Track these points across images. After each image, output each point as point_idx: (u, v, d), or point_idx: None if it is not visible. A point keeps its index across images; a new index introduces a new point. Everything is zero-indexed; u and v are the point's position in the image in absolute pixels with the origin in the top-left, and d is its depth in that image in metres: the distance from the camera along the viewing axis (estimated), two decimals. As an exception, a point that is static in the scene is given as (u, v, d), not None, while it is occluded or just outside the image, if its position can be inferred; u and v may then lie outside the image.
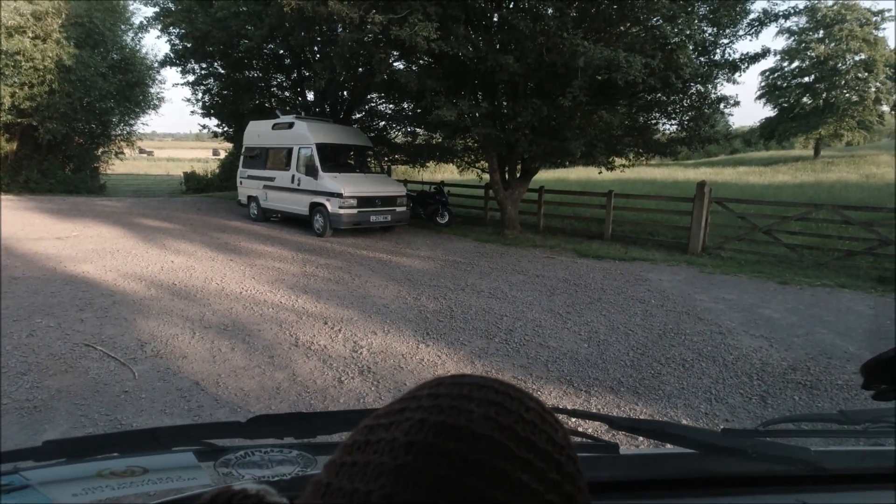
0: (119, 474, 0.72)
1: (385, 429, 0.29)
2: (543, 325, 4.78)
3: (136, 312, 4.73)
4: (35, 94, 15.32)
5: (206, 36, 12.09)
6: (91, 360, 3.65)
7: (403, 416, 0.30)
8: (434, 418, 0.29)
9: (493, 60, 7.38)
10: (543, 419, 0.31)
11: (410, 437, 0.28)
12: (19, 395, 3.14)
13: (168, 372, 3.50)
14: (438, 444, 0.27)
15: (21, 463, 0.71)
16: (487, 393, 0.31)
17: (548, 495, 0.27)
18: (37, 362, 3.57)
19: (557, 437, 0.30)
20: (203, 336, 4.17)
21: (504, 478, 0.26)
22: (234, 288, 5.70)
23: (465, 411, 0.29)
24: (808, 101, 29.26)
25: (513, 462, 0.27)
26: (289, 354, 3.88)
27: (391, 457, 0.27)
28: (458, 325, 4.69)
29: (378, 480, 0.26)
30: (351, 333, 4.36)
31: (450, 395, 0.31)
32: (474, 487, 0.26)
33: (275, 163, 11.10)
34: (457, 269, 7.14)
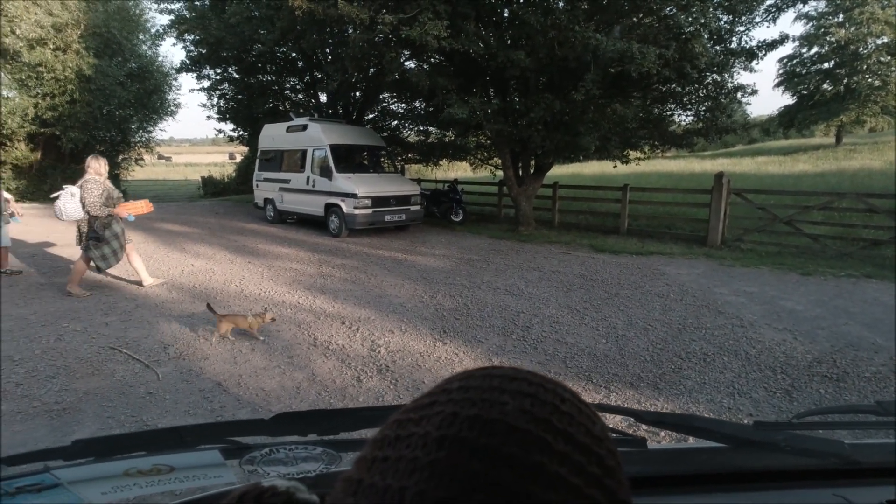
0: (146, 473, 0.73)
1: (415, 423, 0.29)
2: (561, 321, 4.75)
3: (157, 316, 4.82)
4: (57, 104, 15.72)
5: (220, 42, 12.26)
6: (116, 362, 3.74)
7: (434, 409, 0.29)
8: (466, 412, 0.28)
9: (504, 56, 7.35)
10: (580, 411, 0.30)
11: (442, 431, 0.27)
12: (48, 397, 3.23)
13: (191, 373, 3.56)
14: (472, 439, 0.26)
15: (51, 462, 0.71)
16: (521, 385, 0.30)
17: (587, 490, 0.26)
18: (64, 366, 3.67)
19: (596, 430, 0.29)
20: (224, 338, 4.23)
21: (541, 472, 0.25)
22: (252, 289, 5.78)
23: (498, 404, 0.28)
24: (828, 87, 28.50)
25: (550, 456, 0.26)
26: (308, 354, 3.92)
27: (424, 452, 0.26)
28: (475, 323, 4.69)
29: (411, 477, 0.26)
30: (368, 332, 4.39)
31: (481, 388, 0.30)
32: (510, 483, 0.25)
33: (290, 165, 11.21)
34: (472, 267, 7.14)
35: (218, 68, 15.56)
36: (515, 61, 7.30)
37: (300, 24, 9.16)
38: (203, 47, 13.78)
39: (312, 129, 10.56)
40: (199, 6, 13.28)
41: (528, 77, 8.03)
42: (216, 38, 12.12)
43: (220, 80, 16.19)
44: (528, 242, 9.34)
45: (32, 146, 16.99)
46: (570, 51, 7.17)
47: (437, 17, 6.98)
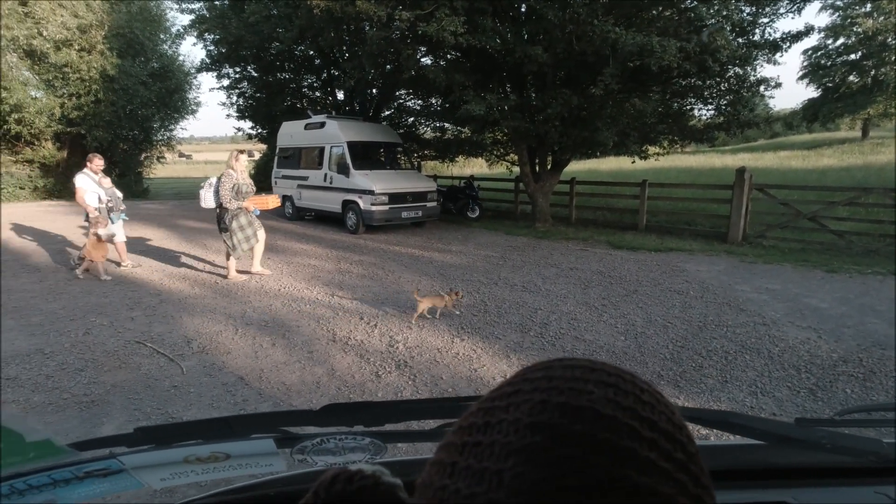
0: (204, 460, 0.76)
1: (503, 410, 0.30)
2: (579, 318, 4.73)
3: (181, 311, 4.93)
4: (82, 103, 16.10)
5: (239, 41, 12.42)
6: (142, 356, 3.84)
7: (520, 397, 0.30)
8: (555, 399, 0.29)
9: (522, 52, 7.30)
10: (658, 400, 0.31)
11: (534, 417, 0.28)
12: (78, 390, 3.33)
13: (213, 367, 3.64)
14: (564, 425, 0.27)
15: (115, 449, 0.74)
16: (600, 375, 0.31)
17: (676, 474, 0.27)
18: (92, 359, 3.78)
19: (675, 419, 0.30)
20: (245, 332, 4.31)
21: (634, 457, 0.26)
22: (272, 285, 5.87)
23: (584, 392, 0.29)
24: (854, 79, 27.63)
25: (640, 442, 0.27)
26: (327, 350, 3.97)
27: (517, 437, 0.28)
28: (493, 319, 4.69)
29: (508, 460, 0.27)
30: (387, 328, 4.43)
31: (564, 378, 0.31)
32: (606, 466, 0.26)
33: (308, 162, 11.32)
34: (489, 263, 7.13)
35: (237, 67, 15.77)
36: (533, 57, 7.25)
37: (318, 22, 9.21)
38: (223, 46, 13.97)
39: (330, 127, 10.64)
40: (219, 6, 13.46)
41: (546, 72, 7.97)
42: (235, 37, 12.28)
43: (240, 78, 16.41)
44: (544, 239, 9.29)
45: (59, 145, 17.44)
46: (589, 45, 7.09)
47: (453, 13, 6.97)
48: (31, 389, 3.32)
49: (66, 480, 0.70)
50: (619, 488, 0.25)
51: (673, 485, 0.26)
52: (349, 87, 13.19)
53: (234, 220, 5.83)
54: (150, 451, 0.76)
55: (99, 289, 5.74)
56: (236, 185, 5.82)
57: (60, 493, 0.70)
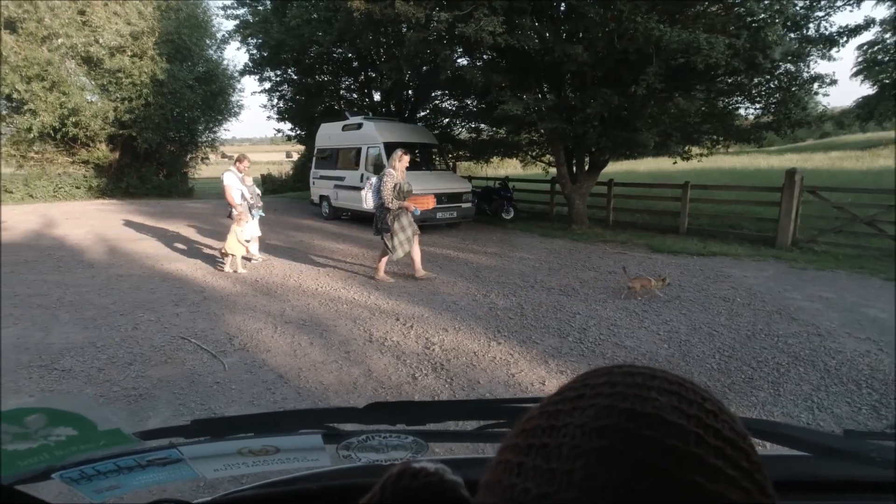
0: (256, 452, 0.78)
1: (568, 414, 0.31)
2: (619, 323, 4.60)
3: (223, 308, 5.07)
4: (133, 107, 16.87)
5: (280, 44, 12.73)
6: (186, 352, 3.96)
7: (584, 402, 0.31)
8: (621, 405, 0.29)
9: (561, 51, 7.17)
10: (721, 409, 0.31)
11: (601, 422, 0.29)
12: (126, 383, 3.46)
13: (254, 365, 3.71)
14: (632, 429, 0.28)
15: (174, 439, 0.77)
16: (662, 383, 0.31)
17: (742, 482, 0.27)
18: (140, 353, 3.92)
19: (738, 428, 0.30)
20: (284, 331, 4.39)
21: (702, 463, 0.27)
22: (310, 284, 5.96)
23: (649, 399, 0.30)
24: (915, 76, 25.98)
25: (707, 449, 0.27)
26: (364, 350, 3.99)
27: (585, 440, 0.28)
28: (529, 323, 4.61)
29: (577, 461, 0.27)
30: (423, 330, 4.42)
31: (627, 384, 0.31)
32: (676, 472, 0.26)
33: (344, 163, 11.48)
34: (525, 266, 7.04)
35: (278, 70, 16.18)
36: (572, 56, 7.11)
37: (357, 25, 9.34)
38: (265, 50, 14.36)
39: (367, 128, 10.76)
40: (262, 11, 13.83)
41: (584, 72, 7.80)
42: (277, 41, 12.59)
43: (280, 81, 16.83)
44: (581, 241, 9.11)
45: (112, 147, 18.33)
46: (631, 43, 6.89)
47: (492, 13, 6.91)
48: (84, 381, 3.47)
49: (130, 468, 0.74)
50: (689, 494, 0.25)
51: (741, 493, 0.27)
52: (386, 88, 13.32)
53: (396, 221, 5.74)
54: (205, 443, 0.78)
55: (147, 285, 5.98)
56: (398, 184, 5.71)
57: (123, 480, 0.75)
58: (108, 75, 16.47)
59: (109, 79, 16.54)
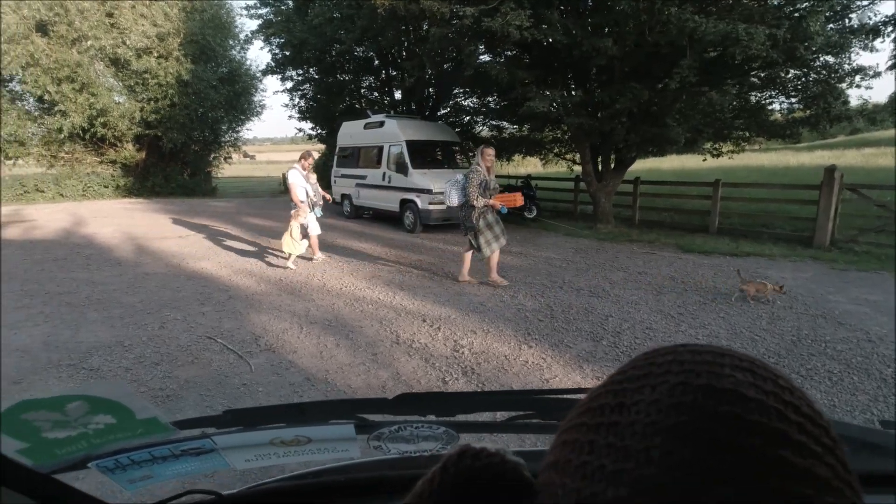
0: (288, 443, 0.78)
1: (637, 391, 0.29)
2: (654, 327, 4.41)
3: (248, 307, 5.03)
4: (159, 107, 17.15)
5: (303, 43, 12.76)
6: (213, 352, 3.91)
7: (654, 379, 0.30)
8: (696, 381, 0.28)
9: (589, 45, 6.96)
10: (794, 386, 0.30)
11: (676, 398, 0.28)
12: (154, 384, 3.42)
13: (280, 366, 3.64)
14: (710, 406, 0.27)
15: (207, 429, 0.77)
16: (733, 360, 0.30)
17: (826, 458, 0.26)
18: (167, 353, 3.89)
19: (814, 406, 0.29)
20: (310, 331, 4.32)
21: (787, 439, 0.26)
22: (334, 284, 5.90)
23: (724, 376, 0.28)
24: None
25: (790, 424, 0.26)
26: (391, 352, 3.89)
27: (661, 416, 0.27)
28: (560, 326, 4.46)
29: (654, 438, 0.26)
30: (450, 332, 4.30)
31: (696, 362, 0.30)
32: (761, 447, 0.25)
33: (366, 161, 11.44)
34: (551, 266, 6.87)
35: (300, 69, 16.24)
36: (601, 49, 6.88)
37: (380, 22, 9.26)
38: (287, 49, 14.41)
39: (389, 126, 10.69)
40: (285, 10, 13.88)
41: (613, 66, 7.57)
42: (300, 40, 12.62)
43: (302, 80, 16.89)
44: (608, 241, 8.89)
45: (138, 146, 18.68)
46: (663, 35, 6.65)
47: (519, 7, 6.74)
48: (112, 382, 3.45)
49: (164, 458, 0.73)
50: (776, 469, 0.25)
51: (826, 469, 0.26)
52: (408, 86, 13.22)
53: (482, 219, 5.51)
54: (238, 433, 0.78)
55: (173, 283, 5.99)
56: (484, 181, 5.44)
57: (157, 470, 0.75)
58: (134, 76, 16.76)
59: (136, 80, 16.83)
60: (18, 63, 14.93)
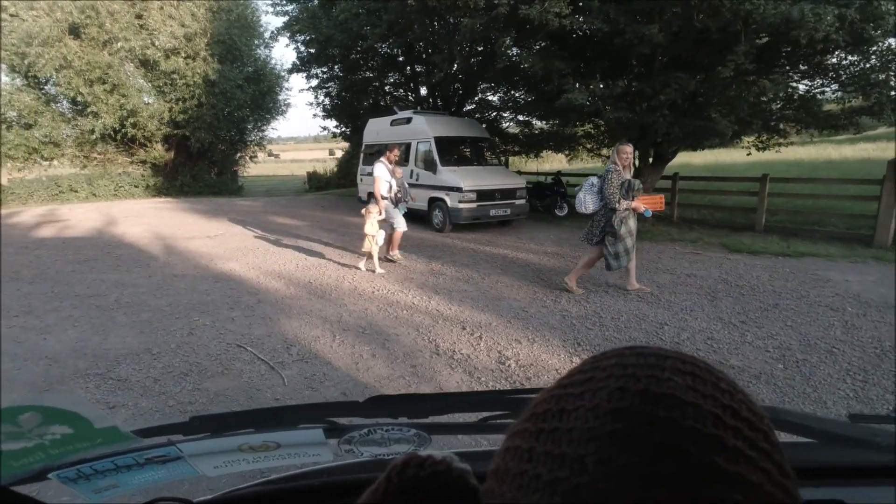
0: (256, 449, 0.77)
1: (578, 397, 0.29)
2: (716, 337, 4.03)
3: (279, 312, 4.83)
4: (187, 107, 17.28)
5: (329, 39, 12.61)
6: (243, 362, 3.70)
7: (596, 384, 0.29)
8: (634, 386, 0.28)
9: (633, 33, 6.53)
10: (736, 388, 0.30)
11: (614, 404, 0.27)
12: (183, 396, 3.22)
13: (314, 379, 3.41)
14: (648, 411, 0.27)
15: (173, 436, 0.75)
16: (675, 363, 0.30)
17: (762, 463, 0.26)
18: (196, 363, 3.70)
19: (755, 408, 0.29)
20: (343, 340, 4.08)
21: (722, 445, 0.26)
22: (365, 287, 5.66)
23: (664, 380, 0.28)
24: None
25: (725, 429, 0.26)
26: (431, 364, 3.62)
27: (598, 423, 0.27)
28: (612, 335, 4.12)
29: (590, 445, 0.26)
30: (493, 342, 4.00)
31: (639, 365, 0.30)
32: (695, 454, 0.25)
33: (393, 159, 11.18)
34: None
35: (324, 67, 16.11)
36: (646, 37, 6.45)
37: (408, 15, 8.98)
38: (313, 46, 14.29)
39: (417, 122, 10.43)
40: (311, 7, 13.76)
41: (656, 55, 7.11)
42: (325, 37, 12.48)
43: (327, 78, 16.77)
44: (647, 240, 8.44)
45: (167, 146, 18.88)
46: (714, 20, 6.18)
47: (559, -7, 6.37)
48: (140, 394, 3.26)
49: (129, 466, 0.72)
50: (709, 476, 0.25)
51: (760, 474, 0.26)
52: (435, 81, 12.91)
53: (624, 225, 4.89)
54: (205, 440, 0.76)
55: (201, 286, 5.84)
56: (625, 182, 4.88)
57: (122, 479, 0.73)
58: (163, 77, 16.91)
59: (164, 80, 16.98)
60: (52, 66, 15.18)
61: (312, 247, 8.15)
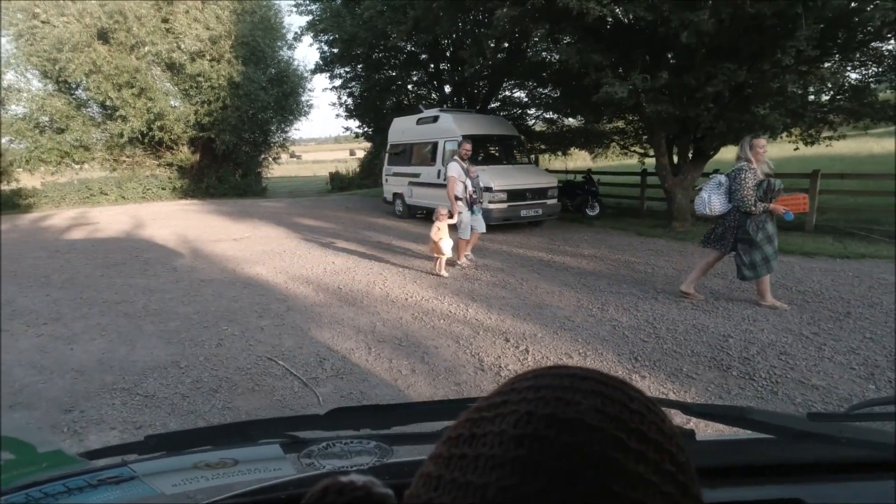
0: (213, 466, 0.76)
1: (490, 421, 0.29)
2: (790, 351, 3.64)
3: (309, 321, 4.60)
4: (212, 110, 17.34)
5: (353, 38, 12.43)
6: (275, 377, 3.48)
7: (507, 408, 0.29)
8: (542, 410, 0.28)
9: (678, 20, 6.12)
10: (649, 409, 0.30)
11: (519, 430, 0.28)
12: (212, 416, 3.00)
13: (352, 398, 3.15)
14: (551, 437, 0.27)
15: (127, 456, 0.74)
16: (590, 384, 0.30)
17: (664, 487, 0.26)
18: (226, 377, 3.48)
19: (665, 428, 0.29)
20: (379, 353, 3.82)
21: (621, 470, 0.26)
22: (398, 293, 5.40)
23: (572, 403, 0.28)
24: None
25: (626, 453, 0.26)
26: (477, 381, 3.33)
27: (502, 450, 0.27)
28: (670, 348, 3.76)
29: (492, 473, 0.26)
30: (541, 356, 3.69)
31: (552, 387, 0.30)
32: (592, 480, 0.25)
33: (420, 158, 10.95)
34: (633, 271, 6.13)
35: (347, 67, 15.97)
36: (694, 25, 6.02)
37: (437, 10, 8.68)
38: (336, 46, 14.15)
39: (444, 120, 10.15)
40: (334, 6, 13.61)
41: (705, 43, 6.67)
42: (350, 35, 12.30)
43: (350, 78, 16.62)
44: (688, 241, 8.00)
45: (193, 149, 19.03)
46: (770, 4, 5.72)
47: (598, -19, 6.00)
48: (168, 412, 3.06)
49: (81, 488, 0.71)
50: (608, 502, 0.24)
51: (661, 497, 0.26)
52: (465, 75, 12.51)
53: (761, 230, 4.30)
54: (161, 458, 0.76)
55: (229, 291, 5.67)
56: (763, 181, 4.29)
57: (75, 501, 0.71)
58: (188, 80, 17.01)
59: (190, 83, 17.08)
60: (82, 70, 15.38)
61: (339, 250, 7.95)
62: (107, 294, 5.73)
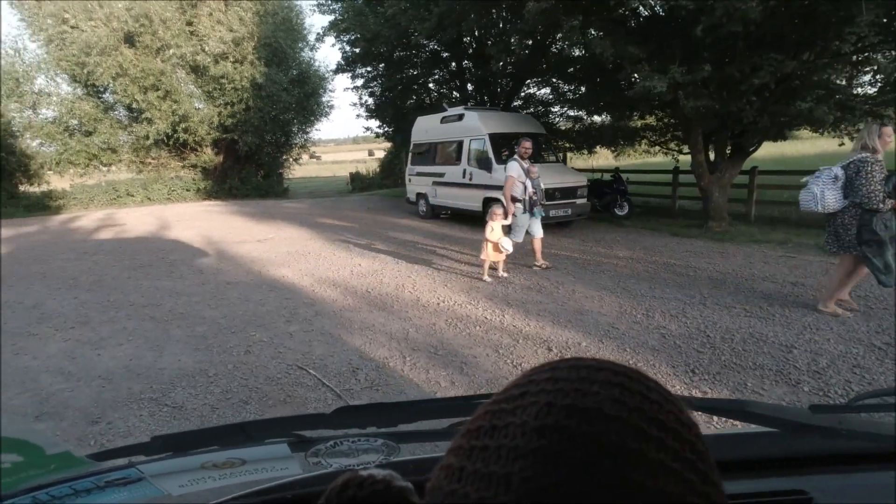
0: (220, 466, 0.75)
1: (510, 413, 0.29)
2: (863, 364, 3.32)
3: (339, 326, 4.43)
4: (235, 111, 17.42)
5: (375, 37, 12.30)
6: (306, 387, 3.30)
7: (526, 400, 0.29)
8: (561, 401, 0.28)
9: (724, 9, 5.77)
10: (667, 399, 0.30)
11: (540, 420, 0.28)
12: (245, 430, 2.84)
13: (390, 412, 2.96)
14: (571, 427, 0.27)
15: (134, 458, 0.73)
16: (607, 375, 0.30)
17: (685, 474, 0.26)
18: (256, 387, 3.33)
19: (683, 417, 0.29)
20: (415, 362, 3.62)
21: (642, 458, 0.26)
22: (428, 298, 5.20)
23: (590, 394, 0.28)
24: None
25: (647, 442, 0.26)
26: (522, 395, 3.10)
27: (524, 441, 0.27)
28: (729, 360, 3.48)
29: (515, 464, 0.26)
30: (589, 367, 3.44)
31: (569, 379, 0.30)
32: (614, 469, 0.25)
33: (444, 158, 10.74)
34: (676, 275, 5.82)
35: (369, 66, 15.87)
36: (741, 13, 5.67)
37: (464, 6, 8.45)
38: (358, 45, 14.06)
39: (469, 119, 9.93)
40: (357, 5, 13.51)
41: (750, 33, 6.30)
42: (373, 34, 12.17)
43: (371, 77, 16.51)
44: (727, 242, 7.64)
45: (216, 150, 19.16)
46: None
47: (638, -31, 5.72)
48: (197, 424, 2.90)
49: (88, 490, 0.70)
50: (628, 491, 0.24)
51: (682, 485, 0.26)
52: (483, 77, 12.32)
53: (888, 228, 3.95)
54: (167, 459, 0.76)
55: (255, 295, 5.55)
56: (890, 175, 3.95)
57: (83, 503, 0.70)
58: (212, 82, 17.11)
59: (214, 85, 17.18)
60: (109, 74, 15.58)
61: (364, 251, 7.79)
62: (133, 297, 5.67)
